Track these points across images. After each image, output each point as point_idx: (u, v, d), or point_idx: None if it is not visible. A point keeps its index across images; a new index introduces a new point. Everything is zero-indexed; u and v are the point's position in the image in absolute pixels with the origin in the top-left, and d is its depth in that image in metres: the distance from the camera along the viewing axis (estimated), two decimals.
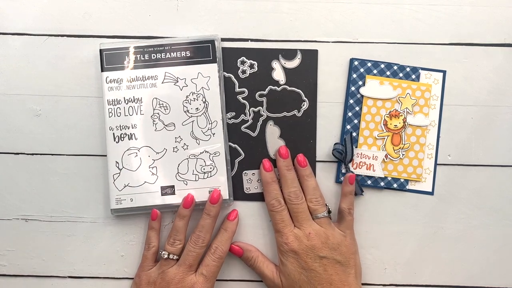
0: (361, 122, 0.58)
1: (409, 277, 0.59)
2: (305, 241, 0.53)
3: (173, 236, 0.55)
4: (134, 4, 0.58)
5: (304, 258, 0.53)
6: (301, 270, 0.53)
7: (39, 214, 0.58)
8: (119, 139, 0.56)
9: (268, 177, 0.56)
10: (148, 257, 0.55)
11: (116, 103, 0.56)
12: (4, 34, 0.58)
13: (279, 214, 0.55)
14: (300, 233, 0.54)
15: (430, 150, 0.59)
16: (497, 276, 0.59)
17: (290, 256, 0.53)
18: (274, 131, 0.58)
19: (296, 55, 0.58)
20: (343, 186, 0.56)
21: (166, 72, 0.56)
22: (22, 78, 0.58)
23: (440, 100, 0.59)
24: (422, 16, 0.59)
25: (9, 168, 0.58)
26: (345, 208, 0.56)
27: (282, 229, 0.54)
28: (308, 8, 0.59)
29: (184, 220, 0.55)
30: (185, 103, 0.56)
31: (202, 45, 0.57)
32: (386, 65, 0.58)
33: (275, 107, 0.58)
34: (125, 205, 0.56)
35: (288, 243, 0.53)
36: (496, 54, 0.59)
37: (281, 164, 0.56)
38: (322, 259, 0.52)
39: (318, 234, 0.53)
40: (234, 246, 0.56)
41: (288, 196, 0.55)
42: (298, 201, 0.55)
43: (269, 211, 0.56)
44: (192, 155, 0.56)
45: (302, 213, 0.54)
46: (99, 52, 0.56)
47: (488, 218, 0.59)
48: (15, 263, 0.58)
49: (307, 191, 0.56)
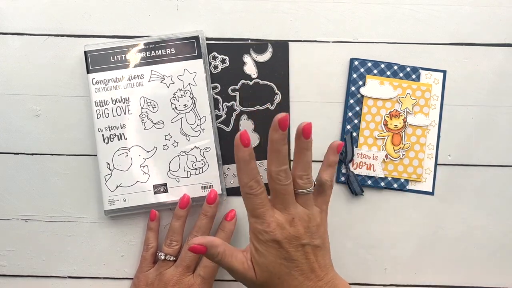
0: (361, 122, 0.58)
1: (409, 277, 0.59)
2: (288, 228, 0.45)
3: (170, 237, 0.55)
4: (134, 4, 0.58)
5: (287, 247, 0.45)
6: (282, 261, 0.45)
7: (39, 214, 0.58)
8: (108, 140, 0.56)
9: (246, 154, 0.45)
10: (147, 258, 0.55)
11: (103, 104, 0.56)
12: (4, 34, 0.58)
13: (259, 197, 0.45)
14: (283, 218, 0.45)
15: (430, 150, 0.59)
16: (497, 276, 0.59)
17: (270, 246, 0.45)
18: (248, 125, 0.58)
19: (267, 48, 0.58)
20: (329, 155, 0.49)
21: (152, 70, 0.56)
22: (22, 78, 0.58)
23: (440, 100, 0.59)
24: (422, 16, 0.59)
25: (9, 168, 0.58)
26: (328, 180, 0.48)
27: (262, 214, 0.45)
28: (308, 8, 0.59)
29: (181, 220, 0.55)
30: (172, 100, 0.56)
31: (187, 42, 0.57)
32: (386, 65, 0.58)
33: (248, 101, 0.58)
34: (118, 205, 0.56)
35: (269, 231, 0.45)
36: (496, 54, 0.59)
37: (278, 137, 0.44)
38: (304, 246, 0.46)
39: (301, 219, 0.46)
40: (195, 245, 0.45)
41: (277, 175, 0.45)
42: (287, 181, 0.45)
43: (246, 193, 0.46)
44: (183, 152, 0.56)
45: (289, 195, 0.46)
46: (84, 53, 0.56)
47: (488, 218, 0.59)
48: (15, 263, 0.58)
49: (300, 166, 0.46)
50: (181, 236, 0.55)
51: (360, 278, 0.59)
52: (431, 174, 0.59)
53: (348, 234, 0.59)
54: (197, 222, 0.55)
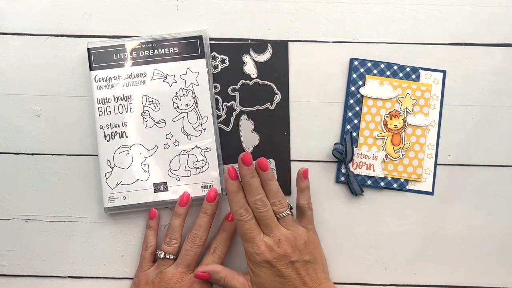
0: (361, 122, 0.58)
1: (409, 277, 0.59)
2: (276, 249, 0.51)
3: (170, 235, 0.55)
4: (134, 4, 0.58)
5: (277, 266, 0.51)
6: (275, 278, 0.51)
7: (39, 214, 0.58)
8: (110, 138, 0.56)
9: (234, 186, 0.52)
10: (146, 257, 0.55)
11: (106, 101, 0.56)
12: (4, 34, 0.58)
13: (248, 223, 0.52)
14: (271, 241, 0.51)
15: (430, 150, 0.59)
16: (497, 276, 0.59)
17: (263, 266, 0.51)
18: (248, 125, 0.58)
19: (266, 48, 0.58)
20: (298, 181, 0.55)
21: (155, 69, 0.56)
22: (22, 78, 0.58)
23: (440, 100, 0.59)
24: (422, 16, 0.59)
25: (9, 168, 0.58)
26: (305, 204, 0.54)
27: (252, 239, 0.51)
28: (308, 8, 0.59)
29: (180, 218, 0.55)
30: (174, 99, 0.56)
31: (190, 41, 0.57)
32: (386, 65, 0.58)
33: (248, 101, 0.58)
34: (118, 203, 0.56)
35: (260, 253, 0.51)
36: (496, 54, 0.59)
37: (245, 172, 0.52)
38: (294, 263, 0.51)
39: (287, 239, 0.52)
40: (199, 273, 0.53)
41: (254, 205, 0.52)
42: (266, 208, 0.52)
43: (237, 221, 0.52)
44: (184, 151, 0.56)
45: (270, 219, 0.52)
46: (87, 51, 0.56)
47: (488, 218, 0.59)
48: (15, 263, 0.58)
49: (270, 195, 0.53)
50: (180, 234, 0.55)
51: (360, 278, 0.59)
52: (431, 174, 0.59)
53: (348, 234, 0.59)
54: (197, 220, 0.55)
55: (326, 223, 0.58)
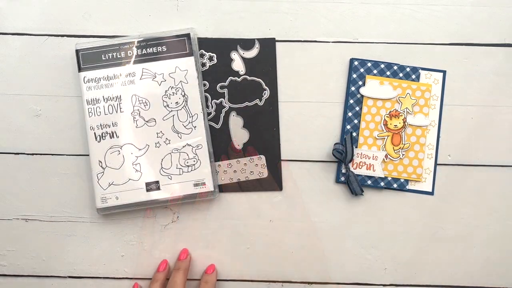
0: (361, 122, 0.58)
1: (409, 277, 0.59)
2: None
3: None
4: (134, 4, 0.58)
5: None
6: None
7: (39, 214, 0.58)
8: (100, 138, 0.56)
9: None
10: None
11: (95, 102, 0.56)
12: (4, 34, 0.58)
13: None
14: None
15: (430, 150, 0.59)
16: (497, 276, 0.59)
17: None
18: (238, 122, 0.58)
19: (254, 44, 0.58)
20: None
21: (143, 68, 0.56)
22: (22, 78, 0.58)
23: (440, 100, 0.59)
24: (422, 16, 0.59)
25: (9, 168, 0.58)
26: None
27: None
28: (308, 8, 0.59)
29: (158, 283, 0.55)
30: (164, 98, 0.56)
31: (178, 39, 0.57)
32: (386, 65, 0.58)
33: (237, 97, 0.58)
34: (110, 203, 0.56)
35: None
36: (496, 54, 0.59)
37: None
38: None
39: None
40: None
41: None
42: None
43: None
44: (175, 149, 0.56)
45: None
46: (75, 52, 0.56)
47: (488, 218, 0.59)
48: (15, 263, 0.58)
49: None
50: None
51: (360, 278, 0.59)
52: (431, 174, 0.59)
53: (348, 234, 0.59)
54: (171, 279, 0.55)
55: (326, 223, 0.59)
